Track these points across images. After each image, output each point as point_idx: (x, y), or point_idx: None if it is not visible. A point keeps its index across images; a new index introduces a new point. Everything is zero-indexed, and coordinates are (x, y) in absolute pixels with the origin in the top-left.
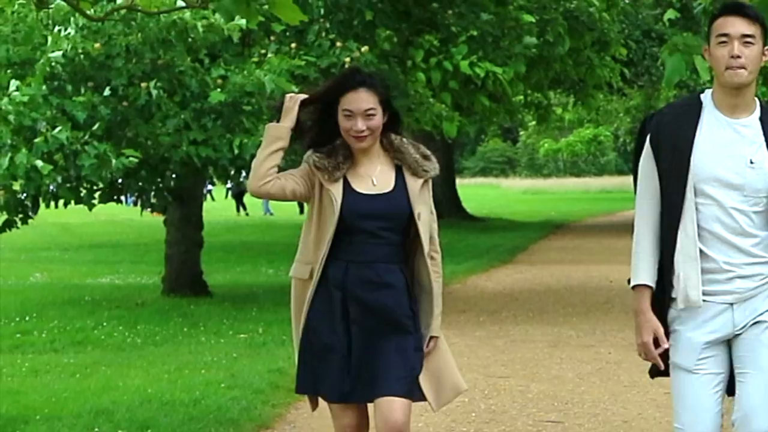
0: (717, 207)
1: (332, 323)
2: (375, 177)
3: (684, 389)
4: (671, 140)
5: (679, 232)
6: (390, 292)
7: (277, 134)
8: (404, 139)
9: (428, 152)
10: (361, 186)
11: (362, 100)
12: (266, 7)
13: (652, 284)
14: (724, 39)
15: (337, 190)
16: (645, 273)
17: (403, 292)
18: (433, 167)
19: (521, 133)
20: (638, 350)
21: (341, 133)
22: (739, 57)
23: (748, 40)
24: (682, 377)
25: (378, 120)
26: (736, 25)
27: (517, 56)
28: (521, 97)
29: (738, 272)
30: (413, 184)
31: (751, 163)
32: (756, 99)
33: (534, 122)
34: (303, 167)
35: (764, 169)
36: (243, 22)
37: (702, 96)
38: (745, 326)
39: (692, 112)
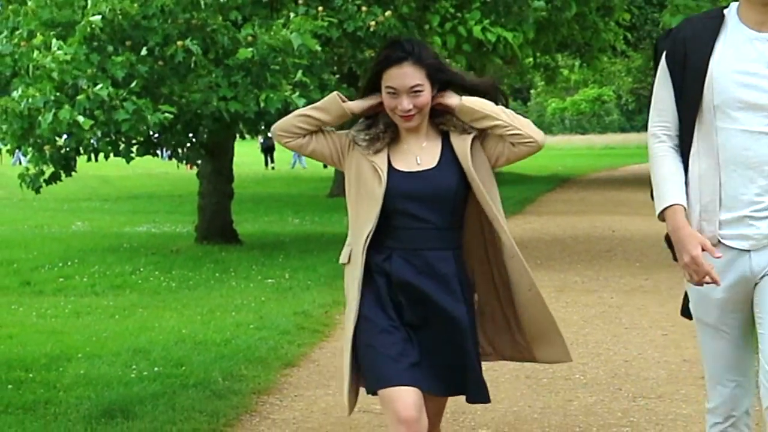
0: (742, 131)
1: (385, 310)
2: (419, 155)
3: (709, 347)
4: (687, 57)
5: (698, 159)
6: (441, 283)
7: (329, 107)
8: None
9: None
10: (402, 164)
11: (407, 75)
12: None
13: (684, 204)
14: None
15: (382, 162)
16: (673, 193)
17: (455, 283)
18: (471, 128)
19: (531, 92)
20: (686, 271)
21: (386, 111)
22: None
23: None
24: (706, 333)
25: (426, 96)
26: None
27: (526, 21)
28: (530, 59)
29: (762, 208)
30: (461, 145)
31: None
32: None
33: (543, 83)
34: (342, 136)
35: None
36: None
37: (726, 11)
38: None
39: (712, 26)
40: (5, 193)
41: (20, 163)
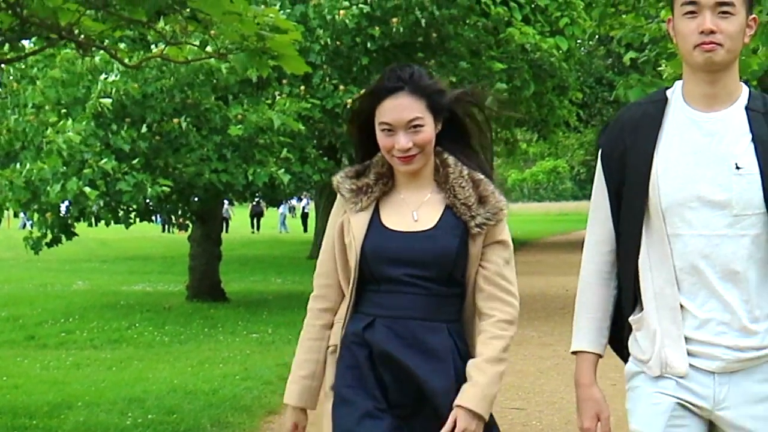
0: (697, 236)
1: (368, 389)
2: (418, 210)
3: None
4: (627, 153)
5: (648, 273)
6: (431, 360)
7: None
8: (465, 167)
9: (490, 189)
10: (395, 220)
11: (403, 107)
12: (274, 61)
13: (598, 351)
14: (691, 8)
15: (358, 224)
16: (586, 335)
17: (450, 362)
18: (493, 215)
19: (493, 164)
20: None
21: (382, 153)
22: (712, 31)
23: (725, 9)
24: None
25: (428, 132)
26: None
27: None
28: (492, 134)
29: (729, 328)
30: (471, 243)
31: (737, 168)
32: (742, 85)
33: (504, 156)
34: (332, 218)
35: (755, 174)
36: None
37: (669, 91)
38: (729, 406)
39: (654, 112)
40: (12, 254)
41: (27, 226)
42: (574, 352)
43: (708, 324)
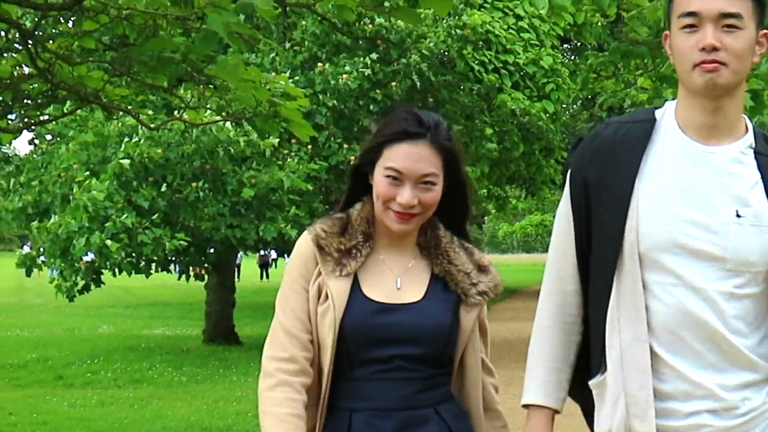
0: (682, 289)
1: None
2: (402, 276)
3: None
4: (601, 180)
5: (617, 329)
6: None
7: None
8: (455, 237)
9: (486, 260)
10: (377, 289)
11: (421, 158)
12: (285, 124)
13: (554, 406)
14: (691, 21)
15: (339, 293)
16: (541, 387)
17: None
18: (494, 286)
19: (485, 219)
20: None
21: (374, 202)
22: (715, 48)
23: (731, 22)
24: None
25: (437, 193)
26: None
27: (482, 159)
28: (485, 190)
29: (715, 400)
30: (465, 314)
31: (738, 216)
32: (743, 117)
33: (495, 210)
34: (299, 274)
35: (759, 226)
36: (276, 141)
37: (659, 112)
38: None
39: (639, 133)
40: (42, 301)
41: (56, 275)
42: (525, 406)
43: (683, 388)
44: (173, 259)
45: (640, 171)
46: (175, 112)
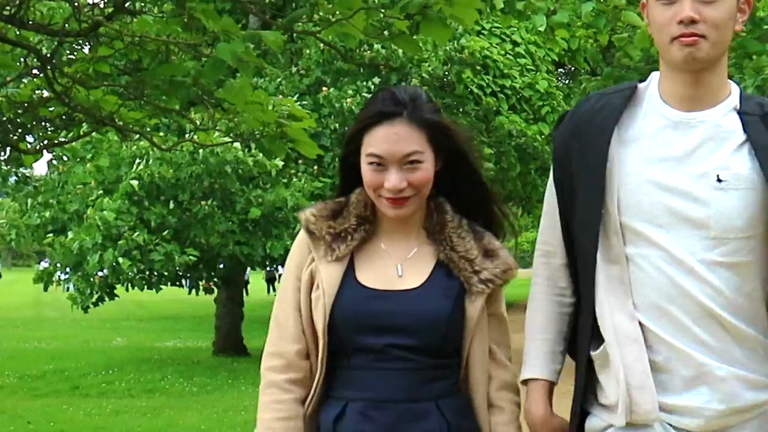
0: (666, 261)
1: None
2: (404, 264)
3: None
4: (580, 149)
5: (606, 304)
6: None
7: None
8: (465, 221)
9: (496, 244)
10: (374, 276)
11: (399, 138)
12: (291, 144)
13: (551, 377)
14: None
15: (330, 277)
16: (537, 361)
17: None
18: (503, 272)
19: None
20: None
21: (366, 191)
22: (694, 21)
23: None
24: None
25: (427, 171)
26: None
27: None
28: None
29: (708, 375)
30: (470, 303)
31: (719, 181)
32: (730, 83)
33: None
34: (295, 263)
35: (741, 189)
36: (281, 162)
37: (642, 84)
38: None
39: (617, 103)
40: (59, 314)
41: (71, 289)
42: (523, 382)
43: (672, 364)
44: (183, 274)
45: (619, 139)
46: (186, 134)
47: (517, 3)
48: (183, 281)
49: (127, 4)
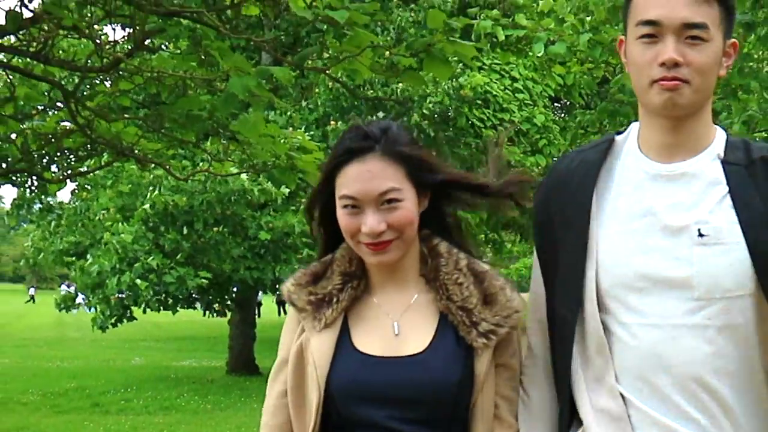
0: (648, 327)
1: None
2: (400, 319)
3: None
4: (559, 215)
5: (581, 375)
6: None
7: None
8: (462, 255)
9: (499, 283)
10: (371, 340)
11: (372, 175)
12: (301, 175)
13: None
14: (650, 30)
15: (321, 348)
16: None
17: None
18: (504, 318)
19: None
20: None
21: (346, 240)
22: (677, 64)
23: (695, 33)
24: None
25: (408, 209)
26: (673, 4)
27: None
28: (483, 236)
29: None
30: (478, 362)
31: (701, 236)
32: (715, 129)
33: (491, 254)
34: (285, 339)
35: (726, 244)
36: (286, 191)
37: (621, 135)
38: None
39: (593, 158)
40: (80, 335)
41: (92, 311)
42: None
43: None
44: (197, 296)
45: (598, 199)
46: (200, 164)
47: (519, 31)
48: (197, 303)
49: (146, 42)
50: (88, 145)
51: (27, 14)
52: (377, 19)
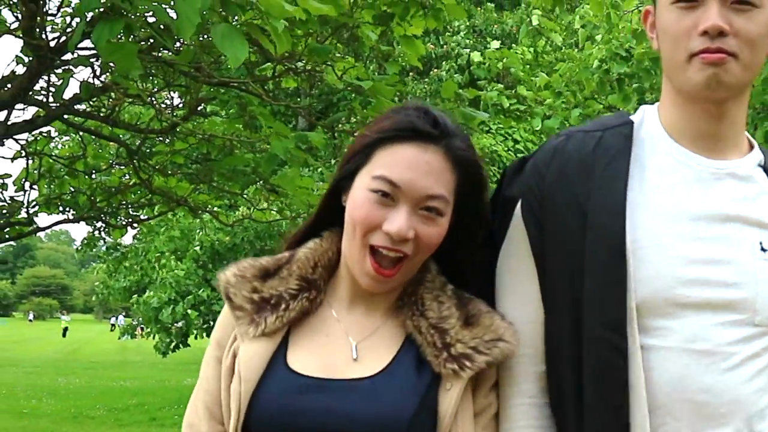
0: (685, 352)
1: None
2: (363, 342)
3: None
4: (576, 209)
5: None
6: None
7: None
8: (449, 284)
9: (483, 308)
10: (312, 359)
11: (430, 170)
12: None
13: None
14: None
15: (250, 360)
16: None
17: None
18: (486, 343)
19: None
20: None
21: (346, 236)
22: (722, 33)
23: None
24: None
25: (443, 229)
26: None
27: None
28: None
29: None
30: (444, 394)
31: (764, 251)
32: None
33: None
34: (218, 337)
35: None
36: None
37: (637, 119)
38: None
39: (618, 143)
40: (141, 358)
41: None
42: None
43: None
44: None
45: (629, 195)
46: (240, 208)
47: (521, 106)
48: None
49: (199, 108)
50: (148, 197)
51: (98, 84)
52: (397, 89)
